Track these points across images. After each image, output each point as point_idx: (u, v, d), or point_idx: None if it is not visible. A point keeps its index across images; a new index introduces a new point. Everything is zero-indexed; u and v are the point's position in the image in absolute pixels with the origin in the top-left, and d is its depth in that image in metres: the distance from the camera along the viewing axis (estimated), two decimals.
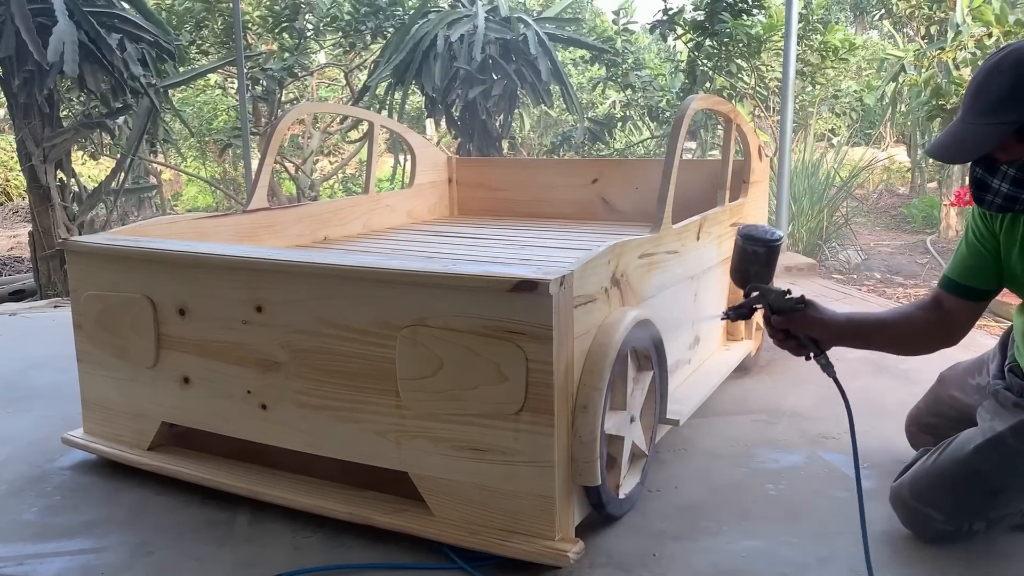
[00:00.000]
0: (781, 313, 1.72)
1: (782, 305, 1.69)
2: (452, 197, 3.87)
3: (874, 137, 10.25)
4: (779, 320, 1.73)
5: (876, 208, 9.11)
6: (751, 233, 1.71)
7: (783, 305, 1.69)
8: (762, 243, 1.68)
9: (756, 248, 1.69)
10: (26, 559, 1.79)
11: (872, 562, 1.64)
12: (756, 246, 1.69)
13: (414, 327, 1.71)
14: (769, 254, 1.70)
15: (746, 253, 1.70)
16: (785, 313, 1.72)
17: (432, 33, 5.86)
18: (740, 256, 1.72)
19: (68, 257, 2.20)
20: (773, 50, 6.49)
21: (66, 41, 4.72)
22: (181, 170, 10.31)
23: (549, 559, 1.66)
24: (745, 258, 1.70)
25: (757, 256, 1.69)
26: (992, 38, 4.68)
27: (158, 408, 2.10)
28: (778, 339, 1.78)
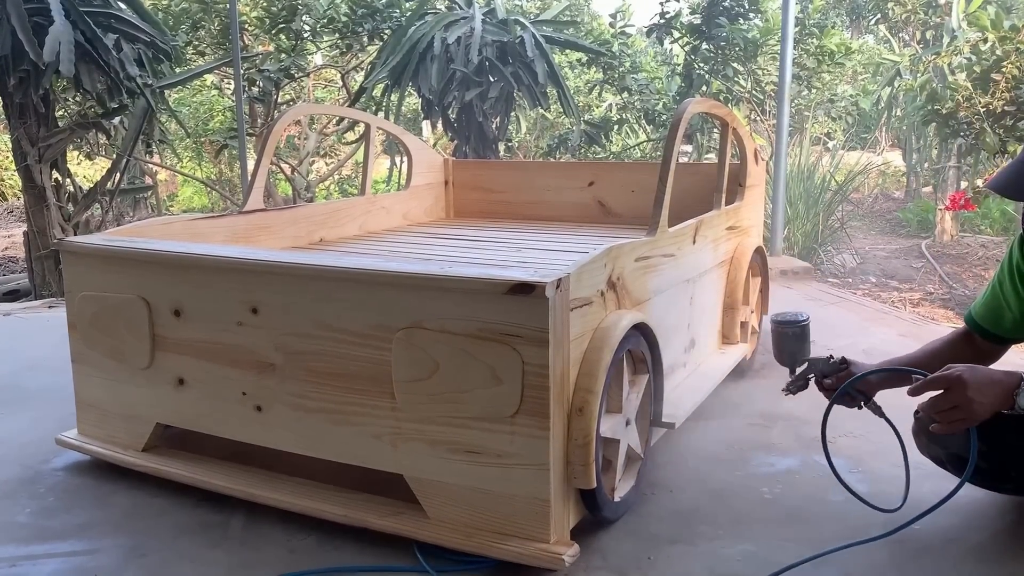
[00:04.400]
0: (831, 376, 1.92)
1: (829, 369, 1.93)
2: (448, 199, 3.87)
3: (870, 141, 10.28)
4: (830, 383, 1.92)
5: (871, 212, 9.12)
6: (785, 319, 1.98)
7: (830, 369, 1.93)
8: (797, 325, 1.96)
9: (794, 331, 1.96)
10: (19, 561, 1.78)
11: (868, 566, 1.64)
12: (793, 328, 1.96)
13: (410, 329, 1.71)
14: (804, 332, 1.97)
15: (786, 337, 1.97)
16: (833, 375, 1.92)
17: (429, 35, 5.85)
18: (782, 341, 1.98)
19: (63, 258, 2.20)
20: (769, 54, 6.50)
21: (62, 41, 4.71)
22: (177, 171, 10.28)
23: (544, 562, 1.66)
24: (787, 342, 1.97)
25: (796, 337, 1.96)
26: (987, 43, 4.69)
27: (153, 409, 2.10)
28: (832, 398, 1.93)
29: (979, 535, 1.86)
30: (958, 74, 5.00)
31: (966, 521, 1.91)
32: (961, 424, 1.62)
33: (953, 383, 1.60)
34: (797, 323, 1.96)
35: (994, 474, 1.84)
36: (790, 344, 1.97)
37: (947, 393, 1.61)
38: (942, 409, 1.62)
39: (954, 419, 1.62)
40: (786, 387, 2.00)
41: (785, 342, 1.97)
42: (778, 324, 1.98)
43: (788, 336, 1.96)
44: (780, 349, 1.99)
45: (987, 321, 1.91)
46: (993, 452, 1.74)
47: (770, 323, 2.00)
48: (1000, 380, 1.61)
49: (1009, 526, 1.90)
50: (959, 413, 1.61)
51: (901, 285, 5.83)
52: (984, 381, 1.60)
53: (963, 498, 1.88)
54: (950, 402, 1.61)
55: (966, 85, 4.61)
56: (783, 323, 1.97)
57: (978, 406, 1.59)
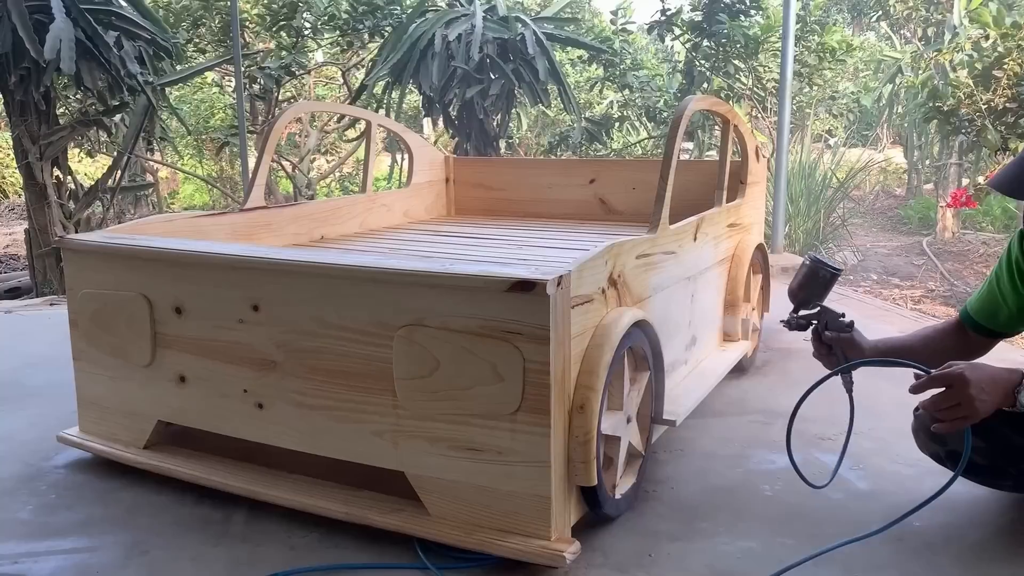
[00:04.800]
0: (833, 331, 1.91)
1: (836, 324, 1.92)
2: (449, 197, 3.87)
3: (871, 138, 10.28)
4: (829, 337, 1.91)
5: (873, 209, 9.12)
6: (823, 260, 1.93)
7: (837, 324, 1.92)
8: (831, 269, 1.91)
9: (826, 272, 1.91)
10: (20, 558, 1.78)
11: (869, 563, 1.64)
12: (828, 270, 1.91)
13: (411, 327, 1.71)
14: (832, 280, 1.92)
15: (816, 276, 1.91)
16: (836, 331, 1.91)
17: (430, 32, 5.85)
18: (810, 277, 1.93)
19: (64, 255, 2.20)
20: (770, 51, 6.49)
21: (63, 38, 4.71)
22: (178, 168, 10.28)
23: (545, 559, 1.66)
24: (814, 280, 1.92)
25: (824, 280, 1.91)
26: (989, 40, 4.69)
27: (154, 407, 2.10)
28: (821, 352, 1.94)
29: (979, 532, 1.86)
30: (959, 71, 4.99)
31: (966, 518, 1.91)
32: (963, 422, 1.62)
33: (955, 381, 1.60)
34: (832, 268, 1.91)
35: (993, 471, 1.84)
36: (815, 285, 1.92)
37: (949, 391, 1.61)
38: (944, 407, 1.62)
39: (956, 417, 1.61)
40: (787, 320, 1.98)
41: (812, 281, 1.92)
42: (816, 261, 1.93)
43: (818, 277, 1.91)
44: (802, 285, 1.94)
45: (982, 316, 1.91)
46: (991, 449, 1.74)
47: (808, 257, 1.96)
48: (1002, 377, 1.60)
49: (1009, 523, 1.90)
50: (961, 411, 1.60)
51: (902, 282, 5.83)
52: (986, 379, 1.59)
53: (963, 495, 1.88)
54: (952, 400, 1.60)
55: (967, 82, 4.60)
56: (821, 262, 1.92)
57: (980, 404, 1.58)
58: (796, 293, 1.96)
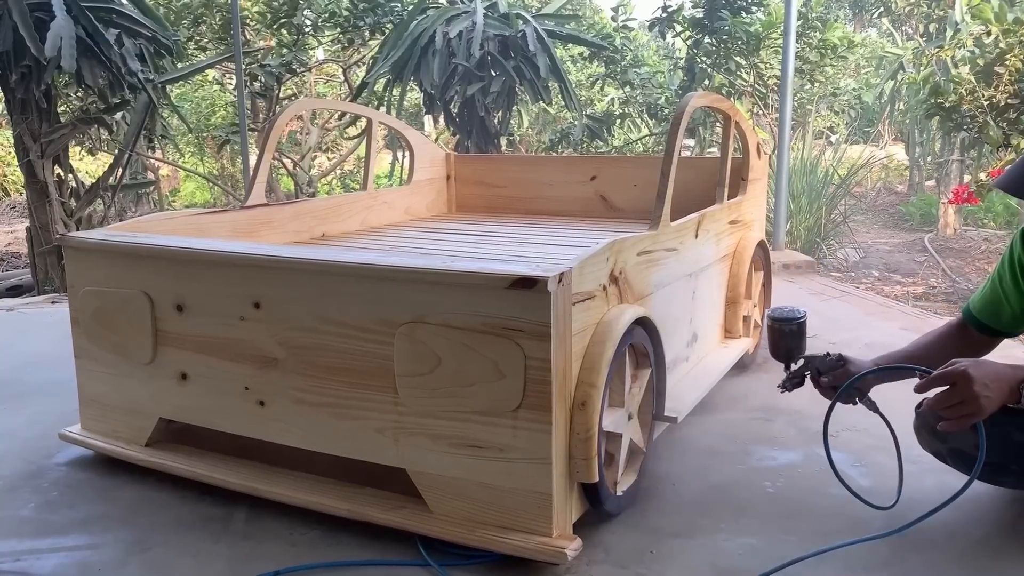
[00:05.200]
0: (827, 373, 1.90)
1: (826, 366, 1.91)
2: (450, 194, 3.86)
3: (872, 135, 10.26)
4: (828, 380, 1.90)
5: (874, 206, 9.11)
6: (782, 316, 1.93)
7: (827, 366, 1.91)
8: (794, 322, 1.92)
9: (791, 327, 1.92)
10: (22, 555, 1.79)
11: (869, 559, 1.64)
12: (790, 325, 1.92)
13: (412, 324, 1.71)
14: (801, 329, 1.93)
15: (783, 334, 1.93)
16: (830, 372, 1.90)
17: (431, 29, 5.85)
18: (779, 338, 1.94)
19: (65, 253, 2.20)
20: (772, 47, 6.49)
21: (63, 36, 4.70)
22: (179, 166, 10.29)
23: (547, 556, 1.66)
24: (784, 338, 1.93)
25: (793, 334, 1.92)
26: (991, 36, 4.67)
27: (155, 404, 2.10)
28: (829, 395, 1.92)
29: (981, 529, 1.86)
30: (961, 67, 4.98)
31: (967, 515, 1.91)
32: (968, 419, 1.61)
33: (959, 378, 1.59)
34: (794, 319, 1.92)
35: (994, 468, 1.83)
36: (787, 340, 1.93)
37: (953, 389, 1.60)
38: (949, 405, 1.61)
39: (961, 414, 1.60)
40: (782, 384, 1.97)
41: (782, 339, 1.93)
42: (775, 320, 1.94)
43: (785, 333, 1.92)
44: (776, 346, 1.95)
45: (985, 315, 1.90)
46: (992, 446, 1.73)
47: (766, 319, 1.96)
48: (1006, 374, 1.60)
49: (1011, 520, 1.90)
50: (966, 408, 1.59)
51: (904, 279, 5.83)
52: (990, 375, 1.58)
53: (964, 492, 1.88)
54: (956, 397, 1.59)
55: (969, 78, 4.59)
56: (780, 319, 1.93)
57: (985, 400, 1.57)
58: (777, 355, 1.96)
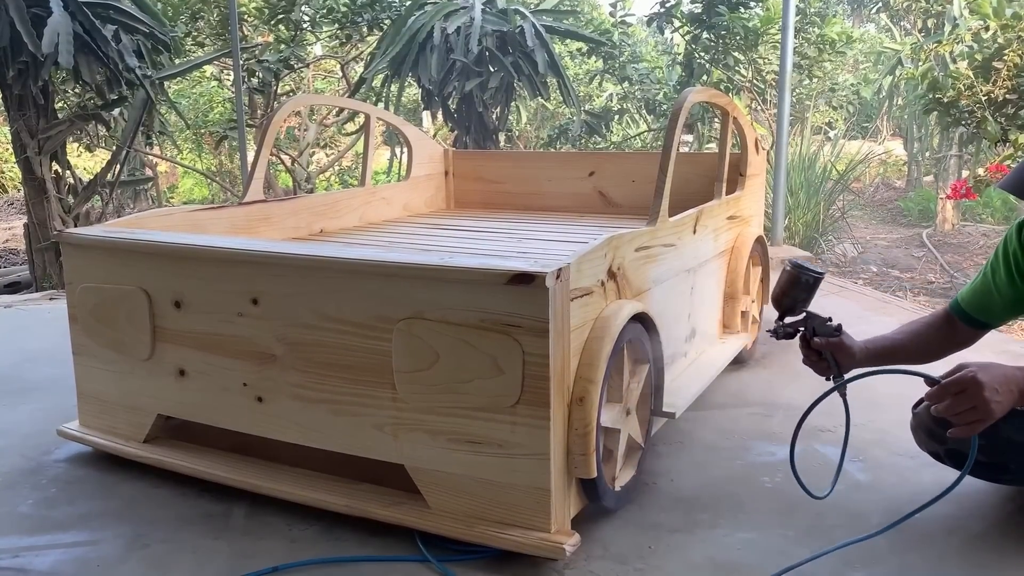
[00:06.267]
0: (821, 336, 1.87)
1: (824, 329, 1.87)
2: (448, 190, 3.86)
3: (871, 130, 10.26)
4: (818, 343, 1.87)
5: (872, 201, 9.11)
6: (804, 264, 1.88)
7: (824, 330, 1.87)
8: (814, 273, 1.87)
9: (809, 277, 1.86)
10: (21, 551, 1.79)
11: (868, 555, 1.64)
12: (810, 275, 1.86)
13: (410, 320, 1.71)
14: (816, 284, 1.88)
15: (798, 282, 1.87)
16: (824, 337, 1.87)
17: (429, 25, 5.84)
18: (792, 284, 1.88)
19: (63, 249, 2.20)
20: (770, 43, 6.48)
21: (61, 32, 4.70)
22: (177, 162, 10.27)
23: (545, 551, 1.66)
24: (797, 285, 1.87)
25: (807, 284, 1.87)
26: (989, 31, 4.67)
27: (154, 401, 2.10)
28: (811, 359, 1.90)
29: (979, 524, 1.86)
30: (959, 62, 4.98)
31: (965, 510, 1.92)
32: (979, 425, 1.58)
33: (969, 385, 1.55)
34: (814, 272, 1.86)
35: (993, 467, 1.84)
36: (799, 290, 1.87)
37: (963, 395, 1.56)
38: (959, 411, 1.58)
39: (972, 420, 1.57)
40: (773, 329, 1.93)
41: (795, 287, 1.87)
42: (797, 266, 1.87)
43: (801, 282, 1.86)
44: (785, 291, 1.89)
45: (974, 307, 1.90)
46: (992, 446, 1.73)
47: (787, 263, 1.90)
48: (1015, 377, 1.57)
49: (1008, 515, 1.91)
50: (976, 414, 1.56)
51: (902, 275, 5.83)
52: (1000, 380, 1.56)
53: (963, 487, 1.87)
54: (966, 404, 1.56)
55: (967, 73, 4.59)
56: (802, 267, 1.87)
57: (995, 405, 1.55)
58: (780, 300, 1.91)
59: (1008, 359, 2.48)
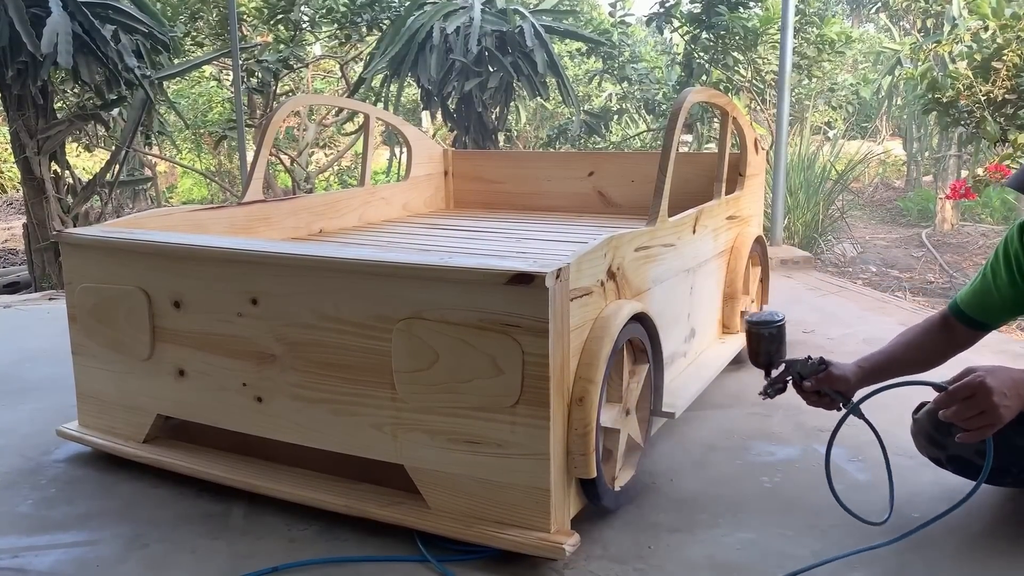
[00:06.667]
0: (810, 377, 1.86)
1: (809, 371, 1.86)
2: (448, 190, 3.86)
3: (870, 130, 10.26)
4: (810, 385, 1.86)
5: (872, 201, 9.12)
6: (760, 319, 1.90)
7: (809, 371, 1.86)
8: (773, 325, 1.88)
9: (770, 331, 1.88)
10: (21, 551, 1.79)
11: (868, 555, 1.64)
12: (769, 329, 1.88)
13: (410, 320, 1.71)
14: (780, 333, 1.89)
15: (763, 338, 1.89)
16: (812, 376, 1.86)
17: (428, 25, 5.84)
18: (758, 343, 1.90)
19: (63, 249, 2.19)
20: (769, 43, 6.48)
21: (60, 32, 4.70)
22: (176, 162, 10.27)
23: (545, 551, 1.66)
24: (763, 343, 1.89)
25: (772, 337, 1.88)
26: (988, 31, 4.67)
27: (153, 401, 2.10)
28: (812, 401, 1.89)
29: (979, 524, 1.86)
30: (959, 62, 4.98)
31: (965, 510, 1.91)
32: (988, 430, 1.56)
33: (977, 390, 1.54)
34: (773, 323, 1.88)
35: (995, 471, 1.83)
36: (766, 345, 1.89)
37: (971, 400, 1.55)
38: (968, 416, 1.56)
39: (981, 425, 1.56)
40: (763, 390, 1.92)
41: (761, 343, 1.89)
42: (753, 324, 1.89)
43: (764, 337, 1.88)
44: (756, 351, 1.91)
45: (973, 309, 1.88)
46: (995, 450, 1.72)
47: (744, 323, 1.92)
48: (1022, 379, 1.56)
49: (1008, 515, 1.91)
50: (985, 419, 1.55)
51: (901, 275, 5.83)
52: (1008, 383, 1.54)
53: (962, 487, 1.88)
54: (975, 408, 1.54)
55: (967, 73, 4.59)
56: (758, 323, 1.88)
57: (1004, 410, 1.53)
58: (757, 360, 1.92)
59: (1008, 359, 2.52)
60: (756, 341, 1.90)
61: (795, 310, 3.73)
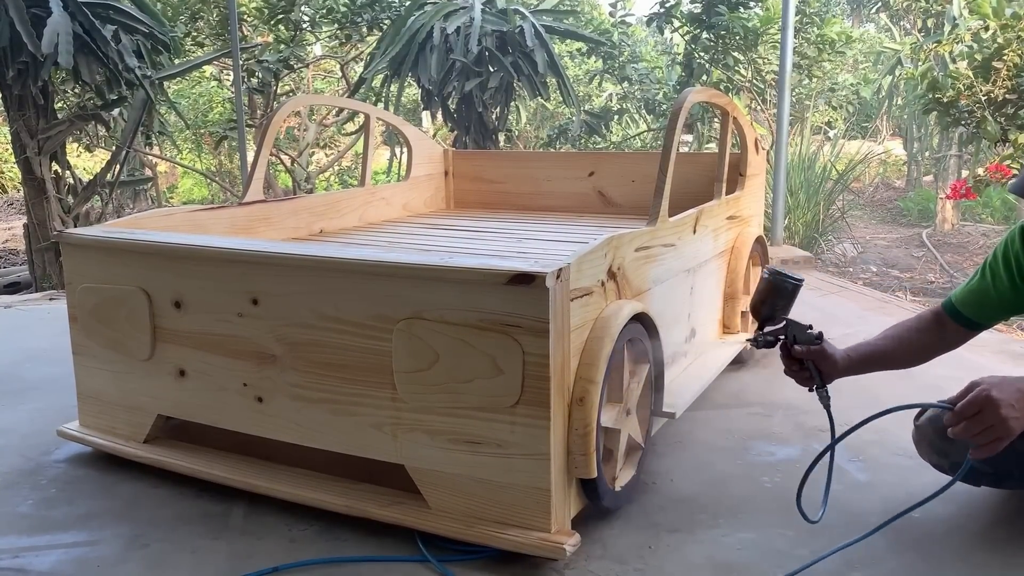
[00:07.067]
0: (802, 344, 1.83)
1: (804, 337, 1.83)
2: (448, 190, 3.86)
3: (870, 130, 10.26)
4: (799, 351, 1.83)
5: (872, 201, 9.12)
6: (782, 271, 1.84)
7: (805, 337, 1.83)
8: (793, 280, 1.82)
9: (787, 284, 1.82)
10: (21, 552, 1.79)
11: (868, 555, 1.64)
12: (789, 281, 1.82)
13: (410, 320, 1.71)
14: (795, 291, 1.83)
15: (778, 288, 1.82)
16: (805, 345, 1.83)
17: (428, 25, 5.84)
18: (771, 291, 1.84)
19: (63, 250, 2.20)
20: (770, 43, 6.48)
21: (60, 32, 4.70)
22: (177, 162, 10.28)
23: (545, 552, 1.66)
24: (775, 293, 1.83)
25: (787, 292, 1.82)
26: (989, 31, 4.67)
27: (154, 401, 2.10)
28: (792, 368, 1.86)
29: (977, 523, 1.87)
30: (959, 62, 4.98)
31: (964, 510, 1.92)
32: (999, 443, 1.54)
33: (984, 405, 1.51)
34: (794, 278, 1.82)
35: (997, 476, 1.84)
36: (778, 297, 1.82)
37: (979, 415, 1.52)
38: (978, 432, 1.53)
39: (992, 439, 1.53)
40: (753, 339, 1.88)
41: (775, 294, 1.82)
42: (775, 273, 1.83)
43: (779, 288, 1.82)
44: (764, 299, 1.84)
45: (968, 308, 1.86)
46: (995, 458, 1.71)
47: (765, 269, 1.87)
48: None
49: (1008, 515, 1.91)
50: (995, 432, 1.52)
51: (902, 275, 5.83)
52: (1015, 394, 1.51)
53: (962, 487, 1.88)
54: (984, 423, 1.52)
55: (967, 73, 4.59)
56: (781, 273, 1.82)
57: (1014, 422, 1.51)
58: (759, 309, 1.86)
59: (1008, 359, 2.52)
60: (771, 290, 1.83)
61: (796, 310, 3.72)
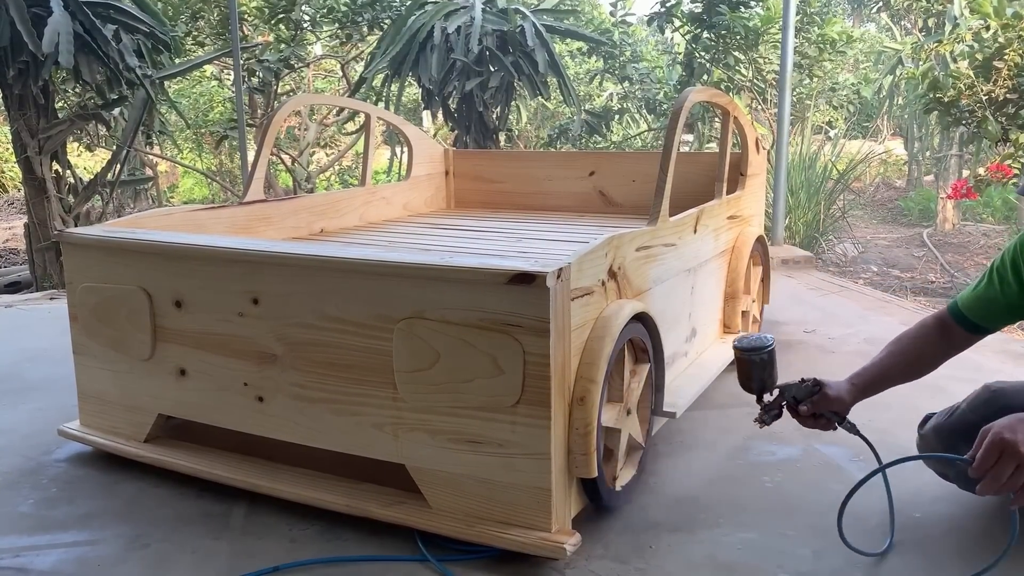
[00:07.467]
0: (805, 401, 1.83)
1: (803, 394, 1.82)
2: (449, 189, 3.86)
3: (871, 130, 10.25)
4: (805, 409, 1.83)
5: (873, 201, 9.11)
6: (750, 345, 1.82)
7: (804, 394, 1.82)
8: (764, 351, 1.81)
9: (761, 357, 1.81)
10: (22, 551, 1.79)
11: (867, 554, 1.64)
12: (760, 354, 1.81)
13: (411, 320, 1.71)
14: (771, 357, 1.82)
15: (754, 364, 1.82)
16: (807, 400, 1.82)
17: (429, 24, 5.84)
18: (750, 368, 1.83)
19: (64, 249, 2.20)
20: (771, 42, 6.48)
21: (61, 32, 4.70)
22: (177, 162, 10.27)
23: (546, 551, 1.66)
24: (755, 369, 1.82)
25: (763, 363, 1.81)
26: (990, 31, 4.67)
27: (154, 400, 2.10)
28: (809, 424, 1.85)
29: (978, 524, 1.86)
30: (960, 62, 4.97)
31: (966, 509, 1.92)
32: None
33: (1002, 449, 1.47)
34: (764, 348, 1.80)
35: None
36: (758, 371, 1.81)
37: (1001, 462, 1.49)
38: (1006, 479, 1.48)
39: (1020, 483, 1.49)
40: (759, 418, 1.86)
41: (753, 369, 1.81)
42: (743, 351, 1.81)
43: (755, 363, 1.81)
44: (747, 377, 1.83)
45: (976, 312, 1.83)
46: None
47: (733, 349, 1.85)
48: None
49: (1008, 515, 1.90)
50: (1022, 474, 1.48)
51: (903, 274, 5.83)
52: None
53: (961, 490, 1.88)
54: (1007, 467, 1.47)
55: (968, 73, 4.59)
56: (748, 349, 1.80)
57: None
58: (749, 387, 1.85)
59: (1008, 359, 2.51)
60: (747, 367, 1.83)
61: (796, 310, 3.73)
